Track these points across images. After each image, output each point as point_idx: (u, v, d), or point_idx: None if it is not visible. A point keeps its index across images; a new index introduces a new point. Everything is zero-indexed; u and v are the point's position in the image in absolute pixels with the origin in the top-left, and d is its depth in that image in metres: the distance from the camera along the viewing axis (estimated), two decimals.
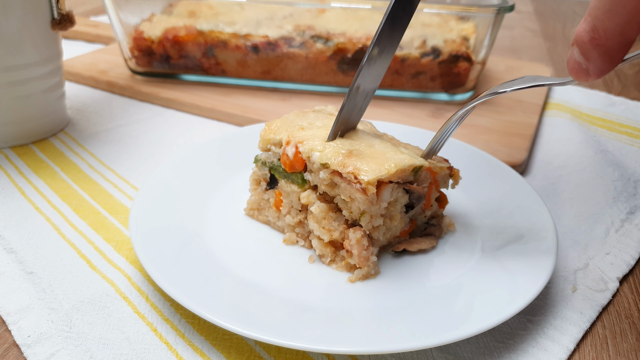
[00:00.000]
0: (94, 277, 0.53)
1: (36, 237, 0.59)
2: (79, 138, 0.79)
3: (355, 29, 0.86)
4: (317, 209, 0.52)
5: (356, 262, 0.50)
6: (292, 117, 0.59)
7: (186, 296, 0.45)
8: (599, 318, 0.51)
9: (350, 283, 0.51)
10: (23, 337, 0.46)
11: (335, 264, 0.53)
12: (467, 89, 0.88)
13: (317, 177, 0.52)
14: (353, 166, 0.49)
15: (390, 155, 0.51)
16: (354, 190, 0.49)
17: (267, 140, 0.56)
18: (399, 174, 0.50)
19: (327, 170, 0.50)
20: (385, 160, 0.50)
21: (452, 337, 0.42)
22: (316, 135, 0.54)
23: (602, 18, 0.36)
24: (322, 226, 0.52)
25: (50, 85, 0.76)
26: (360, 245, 0.50)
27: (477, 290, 0.48)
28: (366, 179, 0.48)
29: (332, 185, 0.51)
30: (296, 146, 0.53)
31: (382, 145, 0.53)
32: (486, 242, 0.55)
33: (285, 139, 0.55)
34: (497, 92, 0.46)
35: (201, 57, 0.91)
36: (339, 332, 0.44)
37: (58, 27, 0.73)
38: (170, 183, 0.62)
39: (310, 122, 0.57)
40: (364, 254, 0.50)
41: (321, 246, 0.53)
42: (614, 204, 0.66)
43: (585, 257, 0.57)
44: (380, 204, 0.50)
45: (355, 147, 0.52)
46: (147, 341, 0.46)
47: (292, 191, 0.55)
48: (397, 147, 0.54)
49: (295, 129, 0.56)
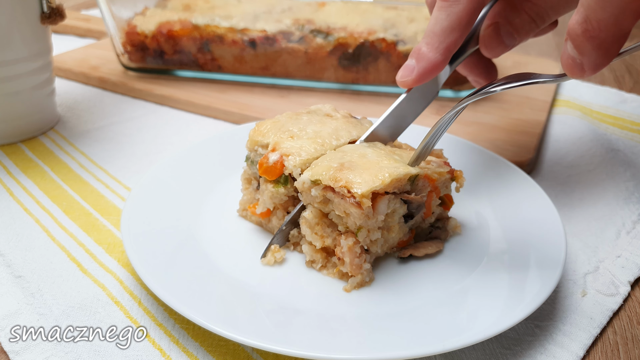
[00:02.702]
0: (85, 281, 0.53)
1: (25, 239, 0.59)
2: (69, 136, 0.79)
3: (356, 23, 0.86)
4: (310, 214, 0.51)
5: (348, 270, 0.50)
6: (284, 120, 0.58)
7: (180, 301, 0.45)
8: (609, 323, 0.51)
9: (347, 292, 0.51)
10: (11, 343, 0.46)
11: (327, 270, 0.53)
12: (471, 85, 0.88)
13: (308, 196, 0.51)
14: (345, 179, 0.48)
15: (384, 164, 0.50)
16: (348, 204, 0.48)
17: (255, 142, 0.56)
18: (394, 184, 0.49)
19: (318, 187, 0.49)
20: (378, 170, 0.49)
21: (457, 343, 0.42)
22: (303, 148, 0.54)
23: (595, 8, 0.35)
24: (315, 232, 0.52)
25: (39, 81, 0.76)
26: (353, 253, 0.50)
27: (483, 294, 0.48)
28: (360, 192, 0.46)
29: (325, 202, 0.51)
30: (282, 157, 0.53)
31: (376, 154, 0.52)
32: (493, 245, 0.55)
33: (272, 145, 0.55)
34: (488, 91, 0.46)
35: (196, 52, 0.91)
36: (339, 339, 0.44)
37: (48, 21, 0.73)
38: (163, 183, 0.62)
39: (301, 127, 0.57)
40: (356, 261, 0.49)
41: (312, 252, 0.52)
42: (625, 205, 0.66)
43: (596, 260, 0.57)
44: (377, 216, 0.49)
45: (346, 159, 0.51)
46: (139, 347, 0.46)
47: (266, 189, 0.55)
48: (392, 154, 0.53)
49: (285, 136, 0.55)
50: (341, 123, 0.58)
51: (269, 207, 0.55)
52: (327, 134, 0.56)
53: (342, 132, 0.57)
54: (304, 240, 0.53)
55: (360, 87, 0.90)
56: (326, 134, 0.56)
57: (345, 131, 0.57)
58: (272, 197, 0.54)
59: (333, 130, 0.57)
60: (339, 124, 0.58)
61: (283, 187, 0.54)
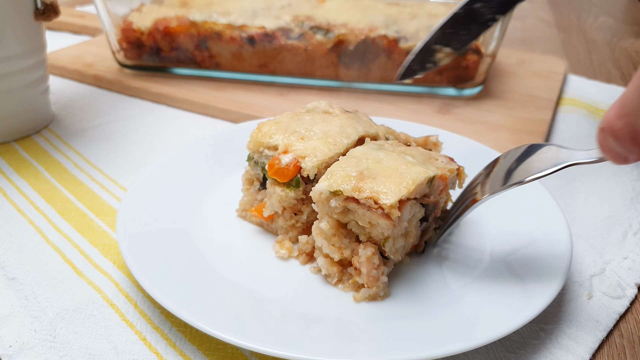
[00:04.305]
0: (80, 283, 0.53)
1: (18, 240, 0.59)
2: (63, 135, 0.79)
3: (357, 20, 0.86)
4: (327, 225, 0.50)
5: (364, 282, 0.49)
6: (286, 120, 0.58)
7: (177, 303, 0.45)
8: (616, 326, 0.51)
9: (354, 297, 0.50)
10: (4, 347, 0.46)
11: (342, 284, 0.52)
12: (476, 84, 0.88)
13: (325, 207, 0.50)
14: (369, 190, 0.47)
15: (403, 169, 0.50)
16: (376, 216, 0.47)
17: (260, 144, 0.56)
18: (417, 189, 0.49)
19: (339, 197, 0.49)
20: (400, 177, 0.48)
21: (460, 347, 0.42)
22: (317, 149, 0.54)
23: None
24: (332, 243, 0.50)
25: (33, 79, 0.76)
26: (371, 264, 0.49)
27: (486, 297, 0.48)
28: (388, 203, 0.46)
29: (344, 212, 0.50)
30: (296, 159, 0.53)
31: (391, 158, 0.51)
32: (496, 246, 0.55)
33: (282, 147, 0.54)
34: (522, 181, 0.46)
35: (194, 49, 0.91)
36: (339, 342, 0.44)
37: (42, 18, 0.73)
38: (160, 183, 0.62)
39: (307, 127, 0.57)
40: (373, 273, 0.49)
41: (328, 265, 0.51)
42: (632, 205, 0.66)
43: (602, 261, 0.57)
44: (401, 224, 0.49)
45: (363, 166, 0.50)
46: (135, 351, 0.46)
47: (274, 192, 0.54)
48: (403, 154, 0.53)
49: (295, 137, 0.55)
50: (344, 120, 0.59)
51: (277, 210, 0.55)
52: (336, 133, 0.56)
53: (348, 130, 0.57)
54: (319, 253, 0.52)
55: (361, 85, 0.90)
56: (335, 132, 0.56)
57: (351, 128, 0.57)
58: (281, 200, 0.54)
59: (340, 128, 0.57)
60: (342, 121, 0.58)
61: (293, 191, 0.53)
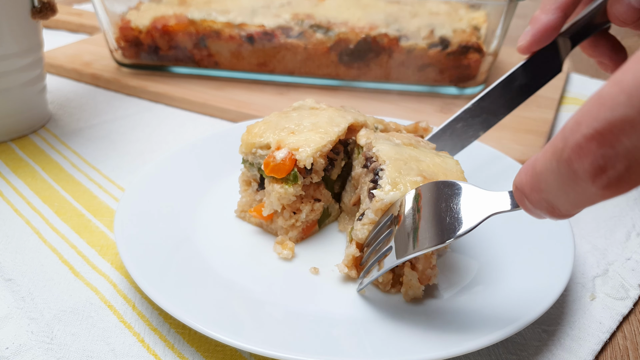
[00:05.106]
0: (77, 284, 0.53)
1: (15, 241, 0.59)
2: (61, 135, 0.79)
3: (357, 18, 0.86)
4: None
5: (418, 277, 0.48)
6: (274, 119, 0.59)
7: (175, 305, 0.45)
8: (619, 328, 0.51)
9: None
10: (1, 349, 0.46)
11: (394, 288, 0.50)
12: (477, 83, 0.88)
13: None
14: None
15: (444, 166, 0.51)
16: None
17: (252, 145, 0.56)
18: None
19: None
20: (450, 174, 0.50)
21: (461, 349, 0.42)
22: (309, 139, 0.55)
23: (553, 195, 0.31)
24: None
25: (30, 78, 0.76)
26: (428, 262, 0.48)
27: (488, 298, 0.48)
28: None
29: None
30: (290, 153, 0.53)
31: (427, 156, 0.52)
32: (499, 247, 0.55)
33: (275, 143, 0.55)
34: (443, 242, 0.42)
35: (192, 48, 0.91)
36: (338, 344, 0.44)
37: (39, 16, 0.73)
38: (158, 183, 0.62)
39: (296, 122, 0.58)
40: (428, 272, 0.49)
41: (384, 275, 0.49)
42: (635, 205, 0.66)
43: (605, 262, 0.57)
44: None
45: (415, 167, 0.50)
46: (133, 353, 0.46)
47: (273, 190, 0.54)
48: (430, 151, 0.54)
49: (285, 133, 0.56)
50: (332, 112, 0.60)
51: (277, 209, 0.55)
52: (325, 123, 0.57)
53: (337, 119, 0.58)
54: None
55: (362, 84, 0.90)
56: (324, 123, 0.57)
57: (340, 117, 0.58)
58: (280, 198, 0.54)
59: (329, 119, 0.58)
60: (330, 113, 0.59)
61: (292, 186, 0.54)
